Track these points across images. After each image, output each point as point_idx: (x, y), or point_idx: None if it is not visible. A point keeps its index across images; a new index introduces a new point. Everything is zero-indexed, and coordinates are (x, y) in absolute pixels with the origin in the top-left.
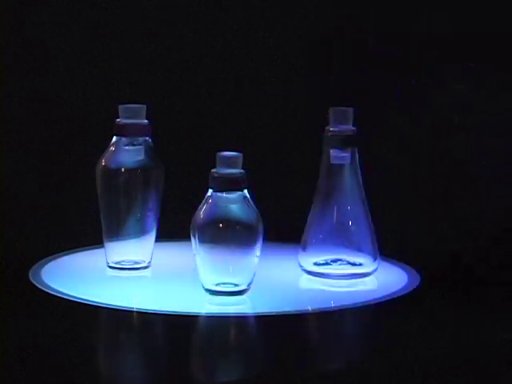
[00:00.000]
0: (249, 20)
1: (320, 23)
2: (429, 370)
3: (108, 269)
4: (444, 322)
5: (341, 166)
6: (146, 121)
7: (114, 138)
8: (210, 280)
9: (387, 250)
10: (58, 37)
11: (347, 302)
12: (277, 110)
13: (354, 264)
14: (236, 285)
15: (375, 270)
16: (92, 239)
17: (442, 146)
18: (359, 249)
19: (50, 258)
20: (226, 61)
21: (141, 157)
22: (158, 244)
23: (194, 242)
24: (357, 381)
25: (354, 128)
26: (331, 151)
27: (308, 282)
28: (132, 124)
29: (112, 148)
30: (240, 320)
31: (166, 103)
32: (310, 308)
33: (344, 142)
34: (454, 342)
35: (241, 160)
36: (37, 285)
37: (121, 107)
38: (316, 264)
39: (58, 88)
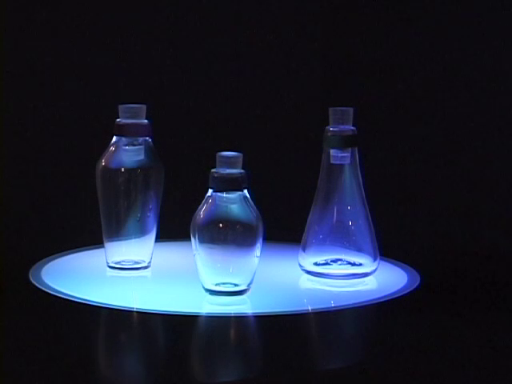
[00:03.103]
0: (248, 20)
1: (319, 24)
2: (429, 370)
3: (108, 269)
4: (444, 322)
5: (341, 166)
6: (145, 121)
7: (114, 138)
8: (210, 280)
9: (387, 249)
10: (58, 37)
11: (347, 302)
12: (277, 110)
13: (354, 264)
14: (236, 285)
15: (375, 270)
16: (92, 239)
17: (443, 145)
18: (359, 249)
19: (50, 257)
20: (226, 61)
21: (141, 157)
22: (158, 244)
23: (194, 242)
24: (357, 381)
25: (353, 128)
26: (331, 151)
27: (308, 282)
28: (132, 124)
29: (112, 148)
30: (240, 320)
31: (166, 103)
32: (309, 308)
33: (344, 142)
34: (455, 342)
35: (241, 160)
36: (37, 285)
37: (121, 107)
38: (316, 264)
39: (58, 88)
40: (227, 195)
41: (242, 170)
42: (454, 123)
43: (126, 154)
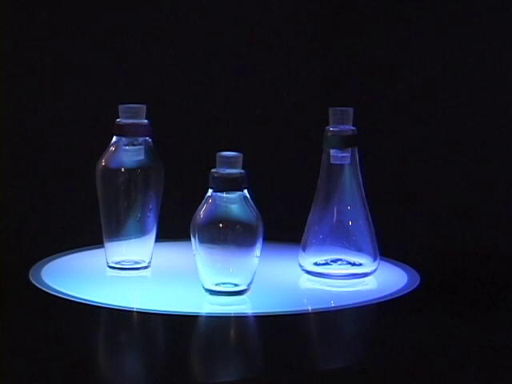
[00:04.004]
0: (248, 20)
1: (319, 24)
2: (429, 370)
3: (108, 269)
4: (444, 322)
5: (341, 166)
6: (145, 121)
7: (114, 138)
8: (210, 280)
9: (387, 250)
10: (58, 37)
11: (347, 302)
12: (277, 110)
13: (354, 264)
14: (236, 285)
15: (375, 270)
16: (92, 239)
17: (443, 145)
18: (359, 249)
19: (50, 257)
20: (226, 61)
21: (141, 157)
22: (158, 244)
23: (194, 242)
24: (357, 381)
25: (353, 128)
26: (331, 151)
27: (308, 282)
28: (132, 124)
29: (112, 148)
30: (240, 320)
31: (166, 103)
32: (309, 308)
33: (344, 142)
34: (455, 342)
35: (241, 160)
36: (37, 285)
37: (121, 107)
38: (316, 264)
39: (58, 88)
40: (227, 195)
41: (242, 170)
42: (454, 123)
43: (126, 154)
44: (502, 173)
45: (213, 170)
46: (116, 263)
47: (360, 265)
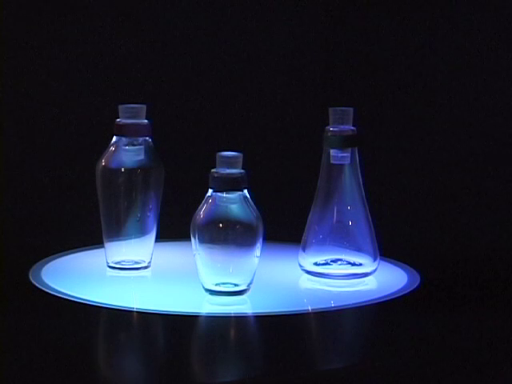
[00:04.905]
0: (249, 20)
1: (319, 23)
2: (428, 370)
3: (108, 269)
4: (444, 322)
5: (341, 166)
6: (146, 121)
7: (114, 138)
8: (210, 280)
9: (387, 250)
10: (58, 36)
11: (347, 302)
12: (277, 110)
13: (354, 264)
14: (236, 285)
15: (375, 270)
16: (92, 239)
17: (443, 145)
18: (359, 249)
19: (50, 257)
20: (227, 61)
21: (141, 157)
22: (158, 244)
23: (194, 242)
24: (357, 381)
25: (353, 128)
26: (331, 151)
27: (308, 282)
28: (132, 124)
29: (112, 148)
30: (240, 320)
31: (166, 103)
32: (310, 308)
33: (344, 142)
34: (454, 342)
35: (241, 160)
36: (37, 285)
37: (121, 107)
38: (316, 264)
39: (58, 88)
40: (227, 195)
41: (242, 170)
42: (454, 123)
43: (126, 154)
44: (502, 172)
45: (213, 170)
46: (116, 263)
47: (360, 265)
